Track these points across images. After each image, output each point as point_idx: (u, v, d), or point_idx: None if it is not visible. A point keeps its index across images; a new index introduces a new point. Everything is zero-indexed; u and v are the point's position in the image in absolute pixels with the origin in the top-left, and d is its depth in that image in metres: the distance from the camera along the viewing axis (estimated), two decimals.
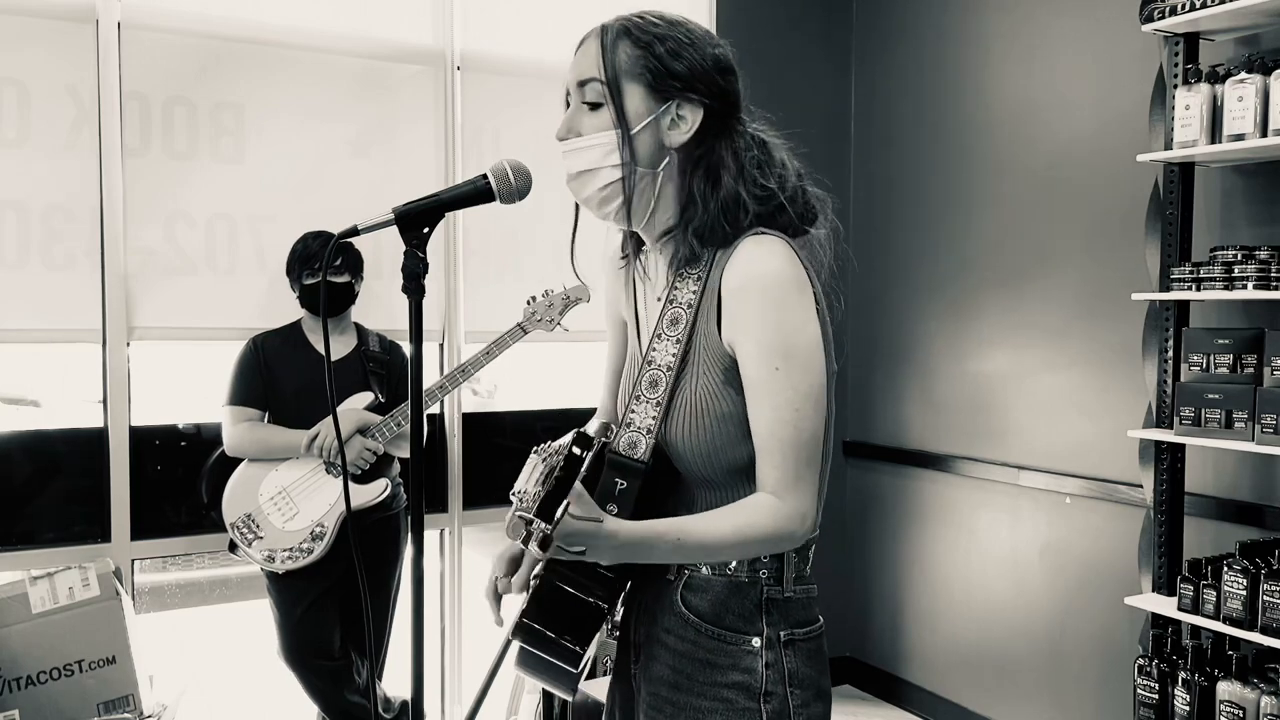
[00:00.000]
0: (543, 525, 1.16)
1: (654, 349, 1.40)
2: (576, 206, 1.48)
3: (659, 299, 1.44)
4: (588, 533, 1.23)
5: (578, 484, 1.23)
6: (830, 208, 1.47)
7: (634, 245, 1.52)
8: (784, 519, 1.33)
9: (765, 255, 1.34)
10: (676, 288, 1.40)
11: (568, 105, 1.42)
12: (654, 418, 1.38)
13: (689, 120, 1.38)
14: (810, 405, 1.33)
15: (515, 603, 1.43)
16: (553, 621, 1.36)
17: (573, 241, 1.51)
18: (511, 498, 1.22)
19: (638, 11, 1.40)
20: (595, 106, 1.38)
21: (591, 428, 1.48)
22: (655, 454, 1.37)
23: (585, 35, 1.41)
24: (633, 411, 1.40)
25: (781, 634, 1.39)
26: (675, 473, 1.39)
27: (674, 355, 1.38)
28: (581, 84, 1.38)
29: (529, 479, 1.22)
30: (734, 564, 1.39)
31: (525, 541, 1.17)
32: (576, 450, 1.22)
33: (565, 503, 1.17)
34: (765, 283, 1.32)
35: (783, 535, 1.34)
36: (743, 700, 1.37)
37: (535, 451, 1.26)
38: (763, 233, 1.37)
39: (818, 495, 1.37)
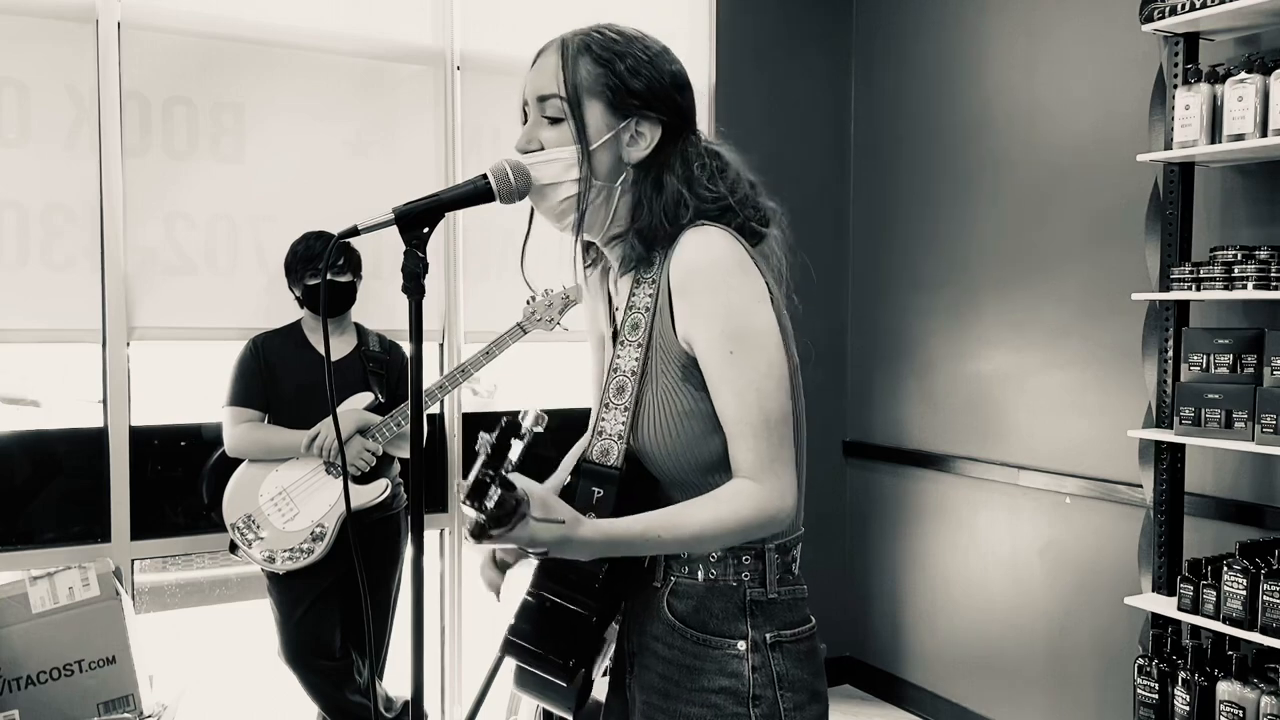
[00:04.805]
0: (475, 515, 1.17)
1: (618, 355, 1.41)
2: (530, 216, 1.49)
3: (622, 307, 1.45)
4: (552, 538, 1.24)
5: (541, 490, 1.24)
6: (782, 221, 1.48)
7: (598, 253, 1.53)
8: (764, 500, 1.32)
9: (704, 244, 1.35)
10: (635, 293, 1.42)
11: (524, 117, 1.44)
12: (623, 423, 1.39)
13: (648, 137, 1.40)
14: (772, 384, 1.33)
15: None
16: (540, 636, 1.36)
17: (523, 250, 1.52)
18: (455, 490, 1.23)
19: (596, 26, 1.42)
20: (555, 121, 1.39)
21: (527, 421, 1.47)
22: (628, 459, 1.38)
23: (543, 48, 1.43)
24: (603, 419, 1.41)
25: (768, 636, 1.38)
26: (650, 476, 1.39)
27: (636, 360, 1.39)
28: (542, 99, 1.40)
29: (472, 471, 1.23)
30: (717, 568, 1.39)
31: (467, 530, 1.19)
32: (500, 438, 1.21)
33: (495, 491, 1.17)
34: (707, 270, 1.34)
35: (766, 518, 1.32)
36: (731, 705, 1.36)
37: (479, 446, 1.26)
38: (703, 224, 1.37)
39: (796, 476, 1.36)
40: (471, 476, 1.18)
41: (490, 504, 1.16)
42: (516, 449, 1.22)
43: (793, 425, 1.36)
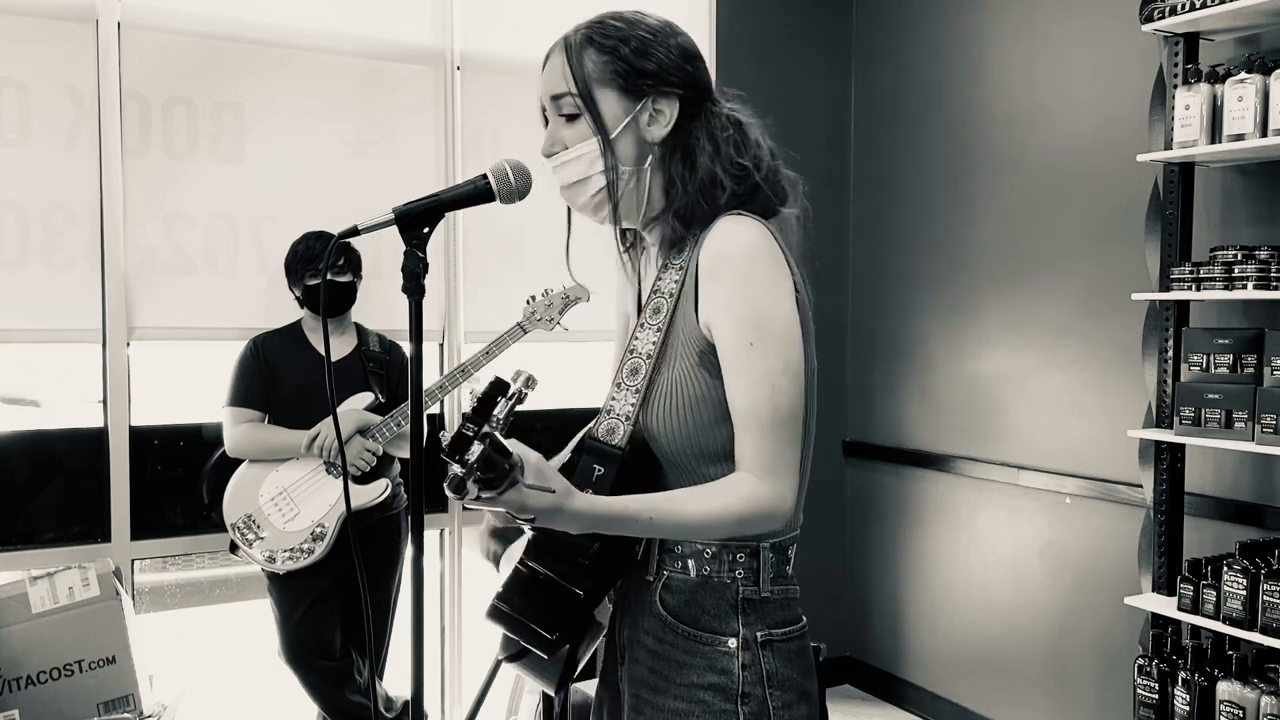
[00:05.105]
0: (456, 469, 1.15)
1: (636, 337, 1.41)
2: (569, 212, 1.49)
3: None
4: (542, 506, 1.23)
5: (536, 457, 1.24)
6: (801, 190, 1.48)
7: (634, 238, 1.53)
8: (763, 497, 1.32)
9: (739, 232, 1.35)
10: (661, 277, 1.42)
11: (545, 120, 1.44)
12: (632, 404, 1.39)
13: (667, 113, 1.40)
14: (788, 380, 1.33)
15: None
16: (526, 606, 1.36)
17: (567, 246, 1.52)
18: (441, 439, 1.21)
19: (595, 17, 1.42)
20: (573, 118, 1.40)
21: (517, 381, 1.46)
22: (632, 440, 1.38)
23: (549, 50, 1.43)
24: (613, 399, 1.41)
25: (759, 634, 1.38)
26: (653, 460, 1.39)
27: (654, 343, 1.39)
28: (555, 98, 1.40)
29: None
30: (711, 564, 1.39)
31: (446, 484, 1.17)
32: (486, 395, 1.21)
33: (476, 446, 1.14)
34: (738, 259, 1.33)
35: (761, 515, 1.32)
36: (719, 702, 1.36)
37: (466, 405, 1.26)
38: (738, 213, 1.38)
39: (798, 477, 1.36)
40: (454, 431, 1.17)
41: (471, 458, 1.14)
42: (503, 407, 1.21)
43: (803, 416, 1.36)
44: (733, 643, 1.38)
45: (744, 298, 1.33)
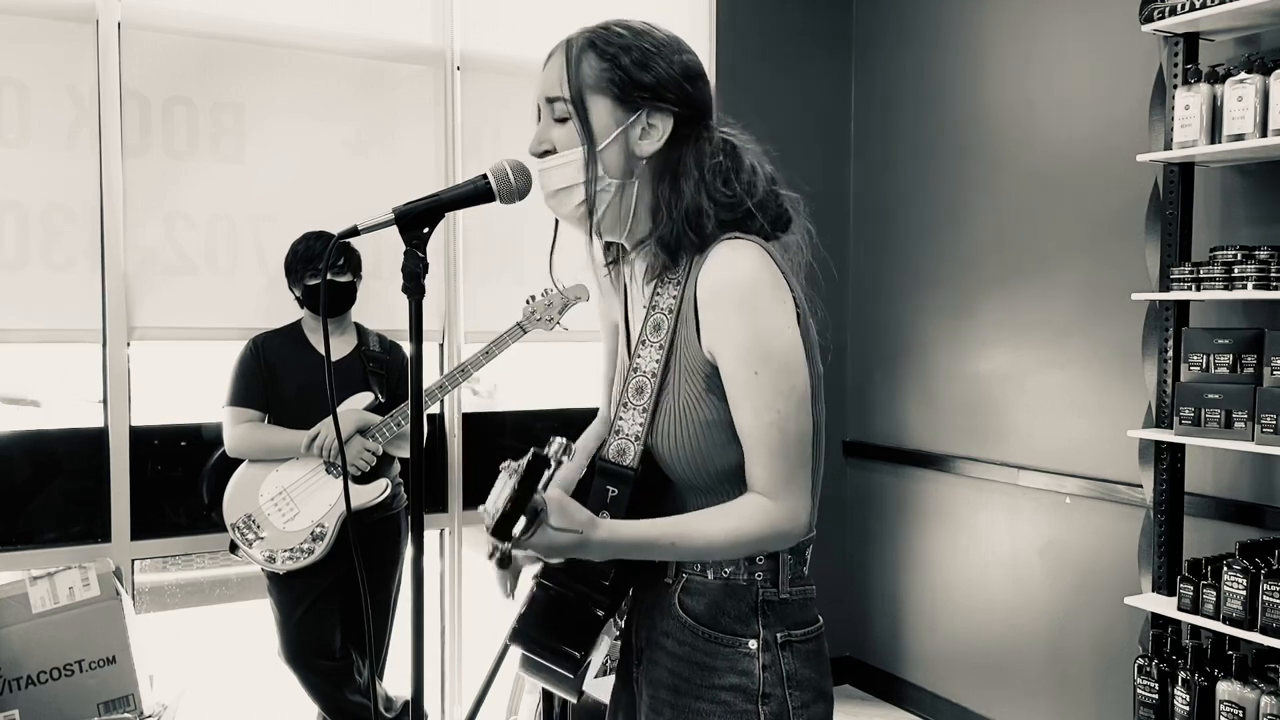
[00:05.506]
0: (499, 544, 1.19)
1: (639, 355, 1.41)
2: (556, 220, 1.48)
3: (644, 306, 1.44)
4: (569, 545, 1.26)
5: (558, 494, 1.25)
6: (804, 211, 1.47)
7: (619, 250, 1.52)
8: (776, 519, 1.33)
9: (737, 260, 1.33)
10: (659, 293, 1.40)
11: (539, 118, 1.42)
12: (641, 424, 1.38)
13: (659, 129, 1.38)
14: (793, 405, 1.33)
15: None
16: (548, 628, 1.37)
17: (551, 253, 1.51)
18: (481, 514, 1.24)
19: (603, 23, 1.40)
20: (564, 121, 1.38)
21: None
22: (644, 460, 1.38)
23: (552, 49, 1.41)
24: (621, 419, 1.40)
25: (779, 635, 1.39)
26: (665, 478, 1.39)
27: (658, 361, 1.38)
28: (550, 100, 1.39)
29: (495, 497, 1.24)
30: (730, 567, 1.39)
31: (490, 557, 1.21)
32: (531, 468, 1.22)
33: (522, 520, 1.19)
34: (738, 288, 1.32)
35: (777, 535, 1.34)
36: (741, 702, 1.37)
37: (503, 468, 1.26)
38: (736, 237, 1.36)
39: (811, 495, 1.38)
40: (500, 511, 1.19)
41: (517, 531, 1.19)
42: (545, 479, 1.23)
43: (811, 436, 1.36)
44: (753, 644, 1.38)
45: (747, 329, 1.32)
